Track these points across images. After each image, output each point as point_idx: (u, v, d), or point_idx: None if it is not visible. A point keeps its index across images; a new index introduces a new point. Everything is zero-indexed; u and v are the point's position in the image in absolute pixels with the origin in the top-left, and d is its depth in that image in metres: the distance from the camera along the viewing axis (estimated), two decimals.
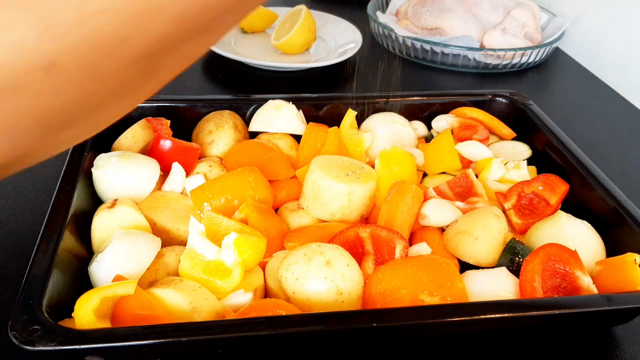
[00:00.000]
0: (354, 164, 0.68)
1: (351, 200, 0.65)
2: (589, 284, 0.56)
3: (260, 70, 1.10)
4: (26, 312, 0.46)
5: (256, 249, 0.56)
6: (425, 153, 0.76)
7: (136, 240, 0.56)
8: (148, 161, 0.67)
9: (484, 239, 0.62)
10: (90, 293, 0.49)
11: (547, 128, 0.78)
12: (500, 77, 1.16)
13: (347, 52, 1.12)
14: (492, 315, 0.50)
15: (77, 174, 0.63)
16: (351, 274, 0.55)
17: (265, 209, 0.65)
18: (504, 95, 0.86)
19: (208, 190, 0.65)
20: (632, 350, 0.58)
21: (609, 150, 0.92)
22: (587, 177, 0.69)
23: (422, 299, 0.53)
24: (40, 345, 0.44)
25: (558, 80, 1.21)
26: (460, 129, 0.81)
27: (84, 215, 0.61)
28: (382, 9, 1.34)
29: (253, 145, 0.73)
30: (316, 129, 0.75)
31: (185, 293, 0.52)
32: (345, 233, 0.61)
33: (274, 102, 0.78)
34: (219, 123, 0.76)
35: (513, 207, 0.68)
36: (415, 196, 0.66)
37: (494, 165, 0.74)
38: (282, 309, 0.52)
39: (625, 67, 1.15)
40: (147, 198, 0.65)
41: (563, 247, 0.58)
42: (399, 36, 1.17)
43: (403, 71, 1.18)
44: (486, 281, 0.57)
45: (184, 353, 0.49)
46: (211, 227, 0.60)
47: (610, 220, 0.64)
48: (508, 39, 1.16)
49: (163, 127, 0.73)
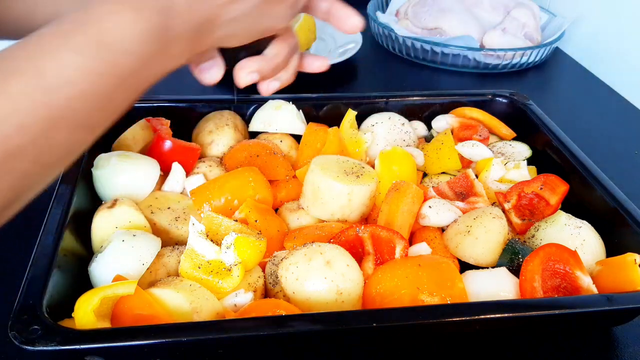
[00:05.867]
0: (354, 164, 0.68)
1: (351, 200, 0.65)
2: (589, 284, 0.56)
3: None
4: (26, 312, 0.46)
5: (256, 249, 0.57)
6: (425, 153, 0.76)
7: (136, 240, 0.56)
8: (148, 161, 0.67)
9: (484, 239, 0.62)
10: (90, 293, 0.49)
11: (547, 128, 0.78)
12: (500, 77, 1.16)
13: (347, 52, 1.12)
14: (492, 315, 0.50)
15: (77, 173, 0.62)
16: (351, 274, 0.55)
17: (265, 209, 0.65)
18: (504, 95, 0.86)
19: (208, 190, 0.65)
20: (632, 350, 0.58)
21: (609, 150, 0.92)
22: (587, 177, 0.68)
23: (422, 299, 0.53)
24: (40, 345, 0.44)
25: (558, 80, 1.21)
26: (460, 129, 0.81)
27: (84, 215, 0.61)
28: (382, 9, 1.34)
29: (253, 145, 0.73)
30: (316, 129, 0.75)
31: (185, 293, 0.52)
32: (345, 233, 0.61)
33: (274, 102, 0.78)
34: (219, 123, 0.76)
35: (513, 207, 0.68)
36: (415, 196, 0.66)
37: (494, 165, 0.74)
38: (282, 309, 0.52)
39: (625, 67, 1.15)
40: (147, 198, 0.65)
41: (563, 247, 0.58)
42: (399, 36, 1.17)
43: (403, 71, 1.18)
44: (486, 281, 0.57)
45: (184, 353, 0.49)
46: (211, 227, 0.60)
47: (610, 220, 0.64)
48: (508, 39, 1.16)
49: (163, 127, 0.73)
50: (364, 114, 0.81)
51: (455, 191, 0.72)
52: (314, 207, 0.66)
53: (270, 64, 0.56)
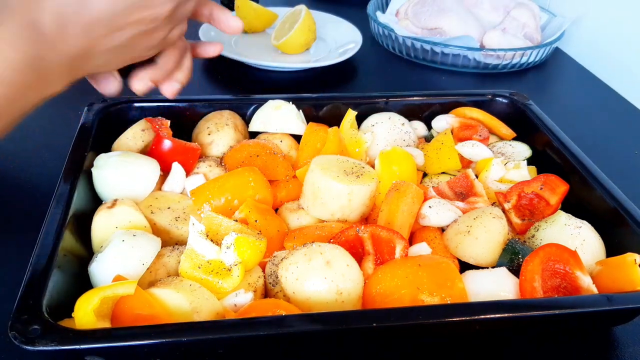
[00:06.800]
0: (354, 164, 0.68)
1: (351, 200, 0.65)
2: (589, 284, 0.56)
3: (260, 70, 1.10)
4: (26, 312, 0.46)
5: (256, 249, 0.57)
6: (425, 153, 0.76)
7: (136, 240, 0.56)
8: (148, 161, 0.67)
9: (484, 239, 0.62)
10: (90, 293, 0.49)
11: (547, 128, 0.78)
12: (500, 77, 1.16)
13: (347, 52, 1.12)
14: (492, 315, 0.50)
15: (77, 173, 0.62)
16: (351, 274, 0.55)
17: (265, 209, 0.65)
18: (504, 95, 0.86)
19: (208, 190, 0.65)
20: (632, 350, 0.58)
21: (609, 150, 0.92)
22: (587, 177, 0.68)
23: (422, 299, 0.53)
24: (40, 345, 0.44)
25: (558, 80, 1.21)
26: (460, 129, 0.81)
27: (84, 215, 0.61)
28: (382, 9, 1.34)
29: (253, 145, 0.73)
30: (316, 129, 0.75)
31: (185, 293, 0.52)
32: (345, 233, 0.61)
33: (274, 102, 0.78)
34: (219, 123, 0.76)
35: (513, 207, 0.68)
36: (415, 196, 0.66)
37: (494, 165, 0.74)
38: (282, 309, 0.52)
39: (625, 67, 1.15)
40: (147, 198, 0.65)
41: (563, 247, 0.58)
42: (399, 36, 1.17)
43: (403, 71, 1.18)
44: (486, 281, 0.57)
45: (184, 353, 0.49)
46: (211, 227, 0.60)
47: (610, 220, 0.64)
48: (508, 39, 1.16)
49: (163, 127, 0.73)
50: (364, 114, 0.81)
51: (455, 191, 0.72)
52: (314, 207, 0.66)
53: (162, 70, 0.61)
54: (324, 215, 0.66)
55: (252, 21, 1.20)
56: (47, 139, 0.83)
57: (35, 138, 0.84)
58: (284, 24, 1.16)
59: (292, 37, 1.11)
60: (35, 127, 0.85)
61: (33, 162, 0.79)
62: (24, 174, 0.77)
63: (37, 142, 0.83)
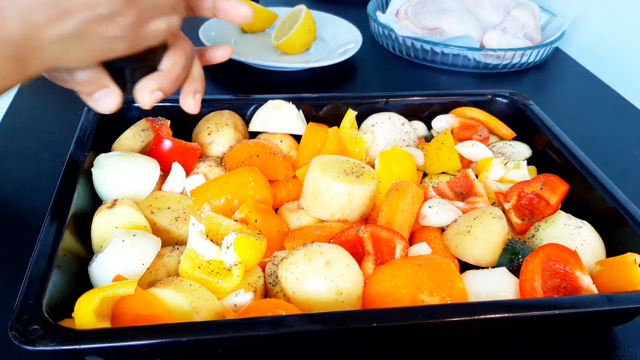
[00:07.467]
0: (354, 164, 0.68)
1: (351, 200, 0.65)
2: (589, 284, 0.56)
3: (260, 70, 1.10)
4: (26, 312, 0.46)
5: (256, 249, 0.57)
6: (425, 153, 0.76)
7: (136, 240, 0.56)
8: (148, 161, 0.67)
9: (484, 239, 0.62)
10: (90, 293, 0.49)
11: (547, 128, 0.78)
12: (500, 77, 1.16)
13: (347, 52, 1.12)
14: (492, 315, 0.50)
15: (77, 173, 0.62)
16: (351, 274, 0.55)
17: (265, 209, 0.65)
18: (504, 95, 0.86)
19: (208, 190, 0.65)
20: (632, 350, 0.58)
21: (609, 150, 0.92)
22: (587, 177, 0.68)
23: (422, 299, 0.53)
24: (40, 345, 0.44)
25: (558, 80, 1.21)
26: (460, 129, 0.81)
27: (84, 215, 0.61)
28: (382, 9, 1.34)
29: (253, 145, 0.73)
30: (316, 129, 0.75)
31: (185, 293, 0.52)
32: (345, 233, 0.61)
33: (274, 102, 0.78)
34: (219, 123, 0.76)
35: (513, 207, 0.68)
36: (415, 196, 0.66)
37: (494, 165, 0.74)
38: (282, 309, 0.52)
39: (625, 67, 1.15)
40: (147, 198, 0.65)
41: (563, 247, 0.58)
42: (399, 36, 1.17)
43: (403, 71, 1.18)
44: (486, 281, 0.57)
45: (184, 353, 0.49)
46: (211, 227, 0.60)
47: (610, 220, 0.64)
48: (508, 39, 1.16)
49: (163, 127, 0.73)
50: (364, 114, 0.81)
51: (455, 191, 0.72)
52: (314, 207, 0.66)
53: (169, 77, 0.54)
54: (324, 215, 0.66)
55: (252, 21, 1.20)
56: (47, 139, 0.84)
57: (35, 138, 0.84)
58: (284, 24, 1.16)
59: (292, 37, 1.11)
60: (35, 127, 0.85)
61: (33, 162, 0.79)
62: (24, 174, 0.77)
63: (37, 142, 0.83)
